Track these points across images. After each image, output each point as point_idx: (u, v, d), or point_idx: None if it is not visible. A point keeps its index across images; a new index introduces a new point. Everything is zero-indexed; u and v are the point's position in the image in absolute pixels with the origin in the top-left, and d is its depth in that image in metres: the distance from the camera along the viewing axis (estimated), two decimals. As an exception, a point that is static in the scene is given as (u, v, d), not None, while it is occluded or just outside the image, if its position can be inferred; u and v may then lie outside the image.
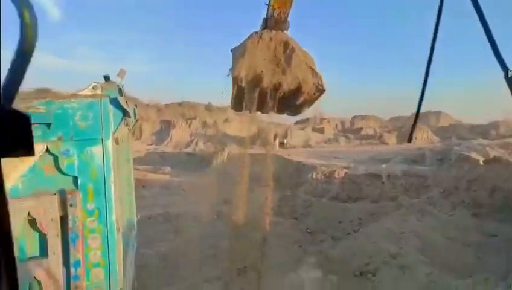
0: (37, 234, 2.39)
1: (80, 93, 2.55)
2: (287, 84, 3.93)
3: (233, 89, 4.24)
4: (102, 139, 2.55)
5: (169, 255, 8.57)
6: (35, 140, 2.08)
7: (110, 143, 2.58)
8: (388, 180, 12.19)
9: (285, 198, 12.96)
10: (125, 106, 2.64)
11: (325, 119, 44.09)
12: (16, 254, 2.20)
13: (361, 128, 40.92)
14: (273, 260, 8.05)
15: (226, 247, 8.91)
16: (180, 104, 47.26)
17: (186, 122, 41.70)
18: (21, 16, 0.64)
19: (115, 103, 2.59)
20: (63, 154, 2.45)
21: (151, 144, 35.45)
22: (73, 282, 2.45)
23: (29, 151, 0.66)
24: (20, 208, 2.33)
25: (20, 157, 2.25)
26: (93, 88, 2.56)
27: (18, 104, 1.95)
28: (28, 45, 0.64)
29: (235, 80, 4.03)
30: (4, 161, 0.67)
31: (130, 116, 2.77)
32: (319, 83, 4.05)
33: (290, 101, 4.23)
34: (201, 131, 40.43)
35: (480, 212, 7.37)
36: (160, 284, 7.18)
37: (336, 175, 13.73)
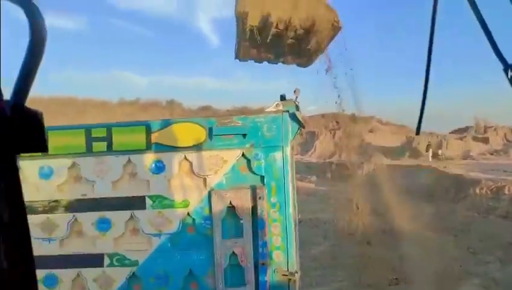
0: (235, 219, 3.11)
1: (267, 110, 3.21)
2: (299, 20, 3.50)
3: (237, 30, 3.78)
4: (283, 147, 3.16)
5: (319, 258, 9.01)
6: (233, 147, 2.83)
7: (288, 150, 3.18)
8: None
9: (442, 213, 11.95)
10: (301, 120, 3.18)
11: (491, 127, 38.09)
12: (218, 235, 2.97)
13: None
14: (428, 275, 7.63)
15: (376, 256, 8.85)
16: (323, 115, 47.93)
17: (330, 133, 42.02)
18: (29, 17, 0.65)
19: (293, 117, 3.16)
20: (254, 158, 3.13)
21: (296, 154, 36.89)
22: (260, 259, 3.09)
23: (42, 148, 0.66)
24: (224, 198, 3.11)
25: (222, 159, 3.04)
26: (276, 105, 3.19)
27: (220, 120, 2.71)
28: (38, 44, 0.65)
29: (240, 19, 3.58)
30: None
31: (304, 128, 3.29)
32: (335, 19, 3.58)
33: (302, 45, 3.81)
34: (345, 141, 40.07)
35: None
36: (312, 283, 7.65)
37: (506, 191, 11.91)
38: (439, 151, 28.41)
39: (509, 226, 9.71)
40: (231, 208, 3.11)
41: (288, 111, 3.13)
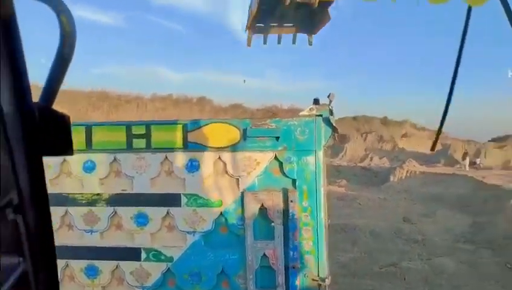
0: (267, 221, 3.15)
1: (301, 113, 3.22)
2: None
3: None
4: (315, 151, 3.16)
5: (348, 264, 8.87)
6: (266, 149, 2.87)
7: (321, 154, 3.18)
8: None
9: (478, 225, 11.44)
10: (334, 124, 3.18)
11: (535, 136, 36.04)
12: (250, 236, 3.04)
13: None
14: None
15: (407, 267, 8.62)
16: (354, 118, 47.05)
17: (361, 136, 41.23)
18: (60, 22, 0.67)
19: (326, 121, 3.16)
20: (286, 161, 3.16)
21: (325, 157, 36.52)
22: (291, 262, 3.11)
23: (67, 151, 0.67)
24: (256, 199, 3.15)
25: (256, 161, 3.07)
26: (310, 109, 3.20)
27: (254, 122, 2.76)
28: (67, 48, 0.67)
29: None
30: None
31: (338, 133, 3.28)
32: None
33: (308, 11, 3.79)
34: (377, 146, 39.22)
35: None
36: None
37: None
38: (477, 160, 27.15)
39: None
40: (263, 210, 3.15)
41: (321, 115, 3.13)
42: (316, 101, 3.29)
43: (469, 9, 1.82)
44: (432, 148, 2.55)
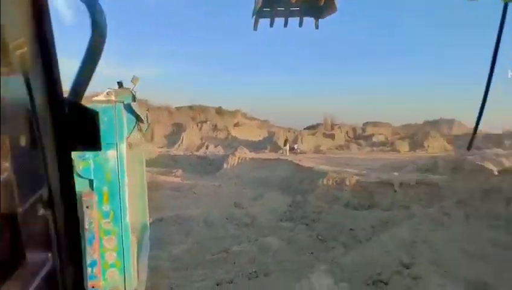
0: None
1: (95, 98, 2.59)
2: None
3: None
4: (117, 144, 2.59)
5: (180, 257, 8.59)
6: None
7: (123, 147, 2.62)
8: (400, 189, 12.01)
9: (296, 204, 12.90)
10: (138, 112, 2.67)
11: (336, 125, 43.80)
12: None
13: (373, 135, 40.43)
14: (284, 265, 8.00)
15: (237, 250, 8.91)
16: (191, 107, 47.57)
17: (197, 125, 41.97)
18: (93, 21, 0.67)
19: (128, 108, 2.62)
20: (79, 158, 2.48)
21: (162, 147, 35.73)
22: (90, 281, 2.48)
23: (96, 146, 0.69)
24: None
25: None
26: (107, 94, 2.60)
27: None
28: (97, 46, 0.67)
29: None
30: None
31: (143, 122, 2.80)
32: None
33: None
34: (212, 134, 40.61)
35: (496, 224, 7.20)
36: (172, 285, 7.20)
37: (347, 182, 13.59)
38: (295, 146, 31.11)
39: (350, 214, 11.04)
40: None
41: (123, 102, 2.59)
42: (120, 84, 2.72)
43: (505, 6, 1.79)
44: (468, 148, 2.57)
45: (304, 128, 44.05)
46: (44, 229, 0.58)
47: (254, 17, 4.17)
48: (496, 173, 10.79)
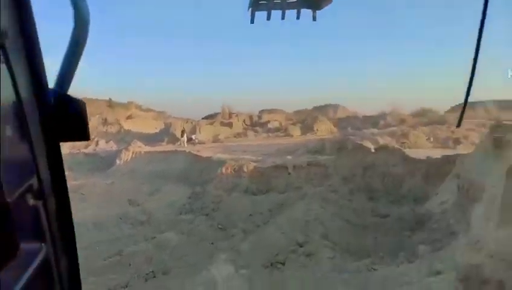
0: None
1: None
2: None
3: None
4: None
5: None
6: None
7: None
8: (294, 171, 12.67)
9: (196, 195, 12.65)
10: None
11: (233, 113, 44.45)
12: None
13: (268, 122, 42.16)
14: (183, 260, 7.73)
15: (132, 251, 8.33)
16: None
17: (85, 120, 38.31)
18: (75, 8, 0.66)
19: None
20: None
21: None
22: None
23: (84, 136, 0.69)
24: None
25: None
26: None
27: None
28: (81, 37, 0.67)
29: None
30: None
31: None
32: None
33: None
34: (102, 129, 37.54)
35: (374, 196, 8.07)
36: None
37: (245, 169, 13.82)
38: (193, 136, 30.60)
39: (249, 200, 11.24)
40: None
41: None
42: None
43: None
44: (458, 125, 2.64)
45: (202, 118, 43.65)
46: (36, 219, 0.58)
47: (250, 9, 4.13)
48: (373, 150, 12.13)
